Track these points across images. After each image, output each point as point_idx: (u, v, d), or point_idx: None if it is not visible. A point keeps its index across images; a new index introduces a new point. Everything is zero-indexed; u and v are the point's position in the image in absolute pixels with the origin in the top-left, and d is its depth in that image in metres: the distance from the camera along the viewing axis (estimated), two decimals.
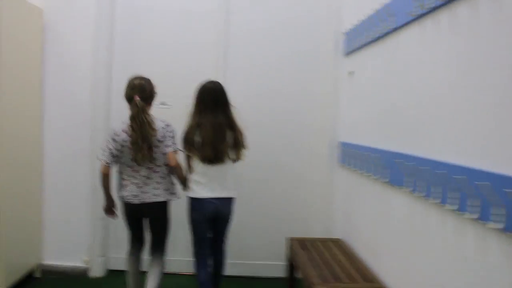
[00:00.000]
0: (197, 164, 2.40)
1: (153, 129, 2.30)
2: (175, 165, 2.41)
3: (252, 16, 3.24)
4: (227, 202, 2.47)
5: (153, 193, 2.41)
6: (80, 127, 3.14)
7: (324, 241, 2.91)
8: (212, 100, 2.38)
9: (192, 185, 2.43)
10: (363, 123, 2.63)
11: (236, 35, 3.21)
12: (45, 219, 3.17)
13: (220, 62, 3.21)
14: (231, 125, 2.40)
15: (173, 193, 2.51)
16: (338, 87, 3.15)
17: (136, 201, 2.40)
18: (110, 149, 2.35)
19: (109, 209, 2.58)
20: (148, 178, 2.39)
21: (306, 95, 3.26)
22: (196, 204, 2.43)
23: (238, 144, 2.42)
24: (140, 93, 2.31)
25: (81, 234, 3.17)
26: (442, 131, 1.64)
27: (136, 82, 2.35)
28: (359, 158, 2.59)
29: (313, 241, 2.88)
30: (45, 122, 3.14)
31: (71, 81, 3.15)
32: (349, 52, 2.92)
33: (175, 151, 2.41)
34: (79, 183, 3.15)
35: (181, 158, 2.50)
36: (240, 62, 3.23)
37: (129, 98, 2.33)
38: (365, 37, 2.53)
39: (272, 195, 3.31)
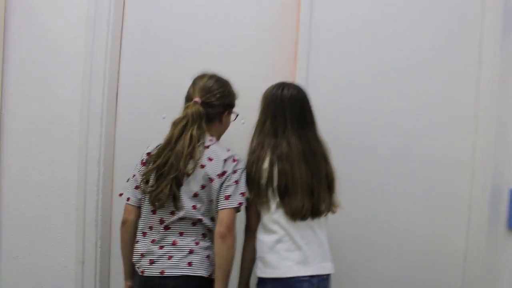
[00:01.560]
0: (274, 218, 1.53)
1: (194, 155, 1.45)
2: (225, 233, 1.43)
3: None
4: (327, 281, 1.57)
5: (180, 259, 1.45)
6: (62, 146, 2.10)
7: None
8: (297, 115, 1.58)
9: (266, 254, 1.51)
10: None
11: (323, 31, 1.99)
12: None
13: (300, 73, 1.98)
14: (325, 154, 1.61)
15: (209, 268, 1.50)
16: (505, 94, 1.88)
17: (149, 271, 1.45)
18: (134, 176, 1.55)
19: None
20: (175, 230, 1.49)
21: (441, 109, 1.96)
22: None
23: (333, 184, 1.61)
24: (203, 96, 1.54)
25: None
26: None
27: (202, 82, 1.58)
28: None
29: None
30: (4, 141, 2.11)
31: (49, 77, 2.09)
32: None
33: (235, 209, 1.47)
34: (59, 228, 2.10)
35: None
36: (330, 67, 1.99)
37: (187, 99, 1.58)
38: None
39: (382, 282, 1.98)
